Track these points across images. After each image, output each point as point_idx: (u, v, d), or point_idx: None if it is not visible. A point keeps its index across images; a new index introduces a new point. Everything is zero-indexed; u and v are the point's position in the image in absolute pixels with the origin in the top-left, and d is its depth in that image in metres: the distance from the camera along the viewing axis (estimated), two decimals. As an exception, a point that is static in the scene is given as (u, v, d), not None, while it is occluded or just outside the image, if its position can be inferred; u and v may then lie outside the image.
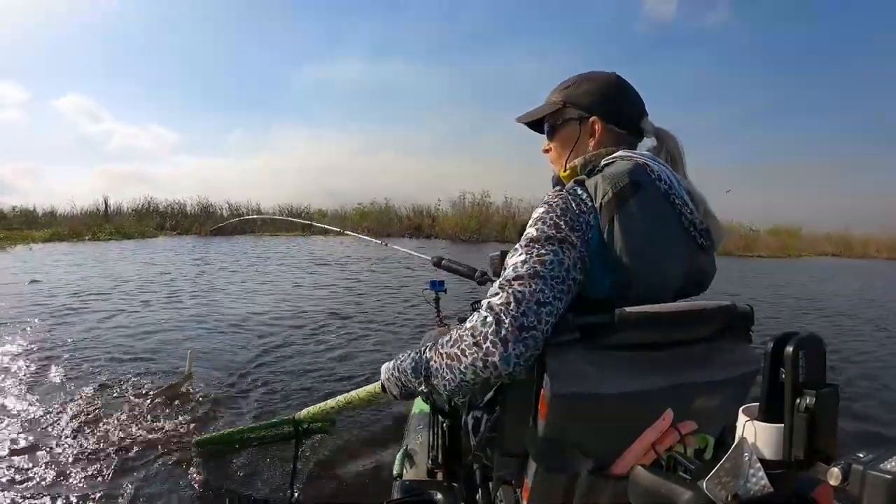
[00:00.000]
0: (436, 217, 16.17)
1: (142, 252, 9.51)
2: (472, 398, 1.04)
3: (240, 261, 8.45)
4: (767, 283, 8.38)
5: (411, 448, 1.53)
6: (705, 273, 0.86)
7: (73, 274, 6.65)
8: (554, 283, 0.70)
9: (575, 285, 0.73)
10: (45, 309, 4.48)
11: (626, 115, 0.92)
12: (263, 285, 6.11)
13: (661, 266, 0.78)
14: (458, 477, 1.22)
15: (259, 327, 4.09)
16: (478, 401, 1.03)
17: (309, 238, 14.00)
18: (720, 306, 0.75)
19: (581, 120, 0.93)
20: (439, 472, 1.40)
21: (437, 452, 1.45)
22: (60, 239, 11.59)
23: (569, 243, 0.73)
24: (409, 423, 1.75)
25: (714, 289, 0.91)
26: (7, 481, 1.84)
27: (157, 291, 5.51)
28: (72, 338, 3.65)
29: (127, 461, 2.00)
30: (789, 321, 5.25)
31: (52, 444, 2.12)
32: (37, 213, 15.15)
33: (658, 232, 0.78)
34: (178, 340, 3.69)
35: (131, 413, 2.42)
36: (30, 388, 2.72)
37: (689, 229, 0.82)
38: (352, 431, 2.31)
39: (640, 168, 0.80)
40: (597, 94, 0.93)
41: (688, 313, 0.73)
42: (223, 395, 2.71)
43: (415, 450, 1.52)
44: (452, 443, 1.41)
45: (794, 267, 12.01)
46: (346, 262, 8.68)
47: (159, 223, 15.07)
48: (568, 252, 0.73)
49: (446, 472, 1.39)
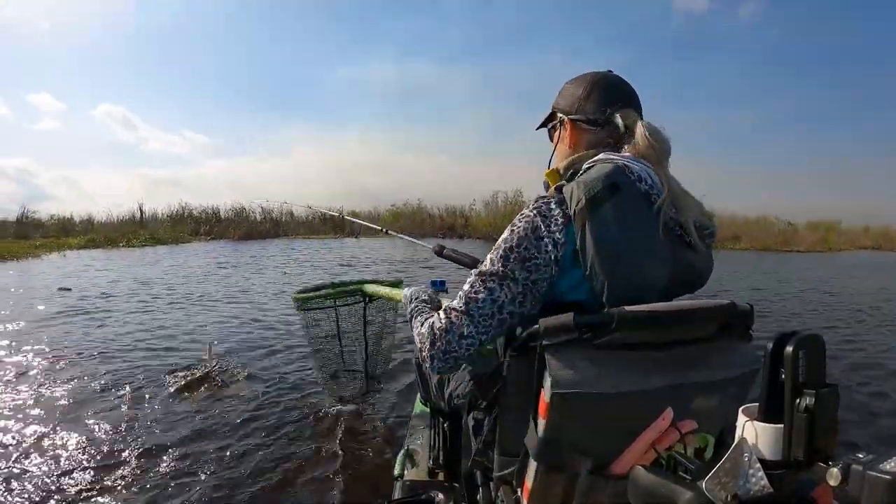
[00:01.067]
0: (469, 217, 16.24)
1: (174, 256, 9.69)
2: (473, 398, 1.04)
3: (272, 263, 8.59)
4: (781, 279, 8.34)
5: (412, 448, 1.53)
6: (696, 271, 0.84)
7: (102, 278, 6.81)
8: (480, 321, 0.82)
9: (511, 317, 0.82)
10: (72, 315, 4.58)
11: (591, 112, 0.92)
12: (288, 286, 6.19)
13: (639, 268, 0.77)
14: (459, 477, 1.22)
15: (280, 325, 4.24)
16: (478, 401, 1.03)
17: (342, 240, 14.32)
18: (719, 305, 0.75)
19: (561, 123, 0.98)
20: (440, 472, 1.40)
21: (437, 453, 1.45)
22: (95, 246, 11.83)
23: (510, 279, 0.81)
24: (410, 424, 1.75)
25: (726, 285, 0.91)
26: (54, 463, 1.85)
27: (188, 292, 5.63)
28: (99, 338, 3.80)
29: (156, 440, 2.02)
30: (792, 315, 5.23)
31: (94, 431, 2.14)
32: (74, 221, 15.48)
33: (636, 234, 0.77)
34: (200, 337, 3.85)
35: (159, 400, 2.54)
36: (64, 382, 2.82)
37: (674, 228, 0.81)
38: (352, 431, 2.31)
39: (618, 170, 0.80)
40: (569, 97, 0.97)
41: (687, 312, 0.73)
42: (242, 378, 2.92)
43: (416, 450, 1.52)
44: (453, 443, 1.42)
45: (830, 262, 11.84)
46: (370, 262, 8.84)
47: (193, 228, 15.40)
48: (507, 289, 0.81)
49: (447, 472, 1.39)
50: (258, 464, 2.03)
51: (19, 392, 2.74)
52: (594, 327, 0.69)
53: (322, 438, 2.24)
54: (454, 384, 1.15)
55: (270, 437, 2.26)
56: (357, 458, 2.09)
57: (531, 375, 0.72)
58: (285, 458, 2.07)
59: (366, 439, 2.24)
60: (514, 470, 0.81)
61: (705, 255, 0.86)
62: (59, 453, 2.09)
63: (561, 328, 0.70)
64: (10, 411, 2.49)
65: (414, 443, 1.56)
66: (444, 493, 1.20)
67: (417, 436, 1.60)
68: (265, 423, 2.40)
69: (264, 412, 2.52)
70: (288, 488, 1.88)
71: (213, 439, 2.23)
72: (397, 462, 1.50)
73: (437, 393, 1.25)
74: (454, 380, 1.16)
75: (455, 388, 1.14)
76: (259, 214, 16.75)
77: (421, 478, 1.40)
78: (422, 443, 1.54)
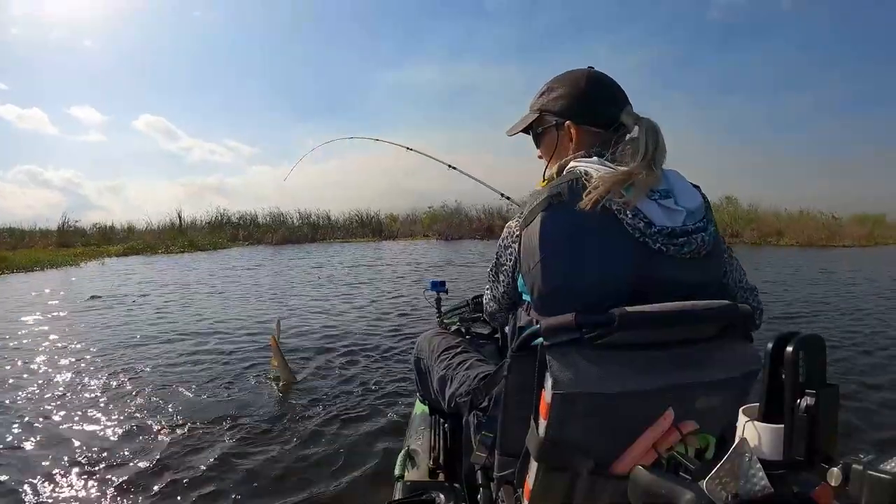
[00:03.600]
0: (507, 217, 16.25)
1: (210, 262, 9.88)
2: (474, 398, 1.04)
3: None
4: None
5: (413, 449, 1.53)
6: (676, 282, 0.78)
7: (138, 285, 6.92)
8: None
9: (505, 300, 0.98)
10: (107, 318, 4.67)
11: (600, 114, 0.90)
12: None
13: (578, 278, 0.76)
14: (460, 477, 1.22)
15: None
16: (479, 401, 1.03)
17: (380, 243, 14.37)
18: (720, 306, 0.75)
19: (558, 126, 0.94)
20: (441, 472, 1.40)
21: (438, 453, 1.45)
22: (135, 253, 12.04)
23: (495, 281, 0.98)
24: (410, 424, 1.75)
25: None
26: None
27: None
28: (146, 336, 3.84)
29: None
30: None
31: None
32: (115, 229, 15.67)
33: (570, 243, 0.77)
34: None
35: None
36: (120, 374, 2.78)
37: (634, 234, 0.76)
38: (353, 431, 2.31)
39: (568, 184, 0.79)
40: (568, 98, 0.92)
41: (688, 313, 0.73)
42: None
43: (416, 450, 1.52)
44: (454, 443, 1.42)
45: (872, 256, 11.47)
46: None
47: (232, 234, 15.49)
48: (495, 289, 0.99)
49: (448, 472, 1.39)
50: (258, 463, 2.03)
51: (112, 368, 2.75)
52: (596, 327, 0.69)
53: (322, 439, 2.24)
54: (456, 384, 1.15)
55: (270, 436, 2.27)
56: (357, 458, 2.09)
57: (532, 375, 0.72)
58: (285, 459, 2.07)
59: (366, 440, 2.24)
60: (514, 470, 0.81)
61: (700, 263, 0.80)
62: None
63: (562, 328, 0.70)
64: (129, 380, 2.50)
65: (414, 443, 1.56)
66: (444, 493, 1.20)
67: (418, 436, 1.60)
68: (264, 422, 2.41)
69: (263, 411, 2.52)
70: (288, 489, 1.88)
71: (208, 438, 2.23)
72: (398, 462, 1.50)
73: (437, 392, 1.25)
74: (456, 380, 1.16)
75: (457, 389, 1.14)
76: (296, 220, 16.89)
77: (421, 478, 1.39)
78: (422, 443, 1.54)
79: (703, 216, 0.81)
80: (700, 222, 0.80)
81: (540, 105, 0.97)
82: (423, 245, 13.15)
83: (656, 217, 0.77)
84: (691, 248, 0.77)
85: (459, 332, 1.57)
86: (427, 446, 1.51)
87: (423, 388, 1.37)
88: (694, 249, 0.78)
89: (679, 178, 0.85)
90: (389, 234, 16.56)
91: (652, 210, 0.78)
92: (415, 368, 1.40)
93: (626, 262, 0.76)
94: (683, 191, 0.83)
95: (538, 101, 0.97)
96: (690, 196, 0.83)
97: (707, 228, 0.80)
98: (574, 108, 0.92)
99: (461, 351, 1.25)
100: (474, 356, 1.22)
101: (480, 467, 1.01)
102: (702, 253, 0.79)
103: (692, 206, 0.81)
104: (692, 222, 0.79)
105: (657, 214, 0.78)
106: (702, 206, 0.82)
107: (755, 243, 13.56)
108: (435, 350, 1.29)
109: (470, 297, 1.82)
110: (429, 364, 1.31)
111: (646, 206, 0.77)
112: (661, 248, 0.76)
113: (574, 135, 0.92)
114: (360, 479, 1.94)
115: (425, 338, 1.38)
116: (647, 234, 0.76)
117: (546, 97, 0.96)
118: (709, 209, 0.84)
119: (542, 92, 0.97)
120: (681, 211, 0.79)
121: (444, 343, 1.30)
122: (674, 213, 0.79)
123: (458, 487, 1.22)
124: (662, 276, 0.77)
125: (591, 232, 0.77)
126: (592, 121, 0.90)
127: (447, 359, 1.24)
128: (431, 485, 1.32)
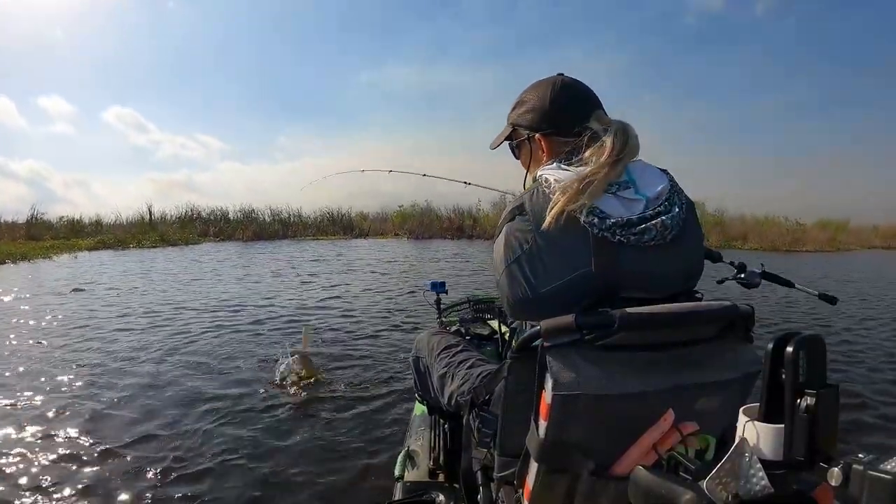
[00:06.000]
0: (477, 218, 16.32)
1: (182, 259, 9.82)
2: (474, 398, 1.04)
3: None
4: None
5: (412, 449, 1.53)
6: (643, 272, 0.78)
7: (116, 279, 6.94)
8: None
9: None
10: (100, 314, 4.67)
11: (567, 124, 0.91)
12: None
13: (543, 285, 0.78)
14: (460, 478, 1.22)
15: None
16: (480, 400, 1.03)
17: (350, 241, 14.45)
18: (721, 306, 0.75)
19: (529, 138, 0.96)
20: (441, 473, 1.40)
21: (438, 453, 1.45)
22: (106, 247, 11.97)
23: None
24: (410, 425, 1.75)
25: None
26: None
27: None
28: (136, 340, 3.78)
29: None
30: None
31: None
32: (83, 223, 15.50)
33: (536, 251, 0.78)
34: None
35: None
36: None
37: (591, 231, 0.76)
38: (353, 432, 2.31)
39: (529, 194, 0.83)
40: (534, 112, 0.94)
41: (689, 314, 0.73)
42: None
43: (416, 451, 1.52)
44: (453, 444, 1.42)
45: (834, 262, 11.71)
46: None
47: (202, 230, 15.41)
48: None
49: (447, 472, 1.39)
50: (256, 464, 2.03)
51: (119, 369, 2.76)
52: (596, 328, 0.69)
53: (322, 439, 2.24)
54: (458, 381, 1.15)
55: (269, 436, 2.27)
56: (357, 458, 2.09)
57: (532, 377, 0.72)
58: (285, 459, 2.07)
59: (366, 440, 2.24)
60: (514, 470, 0.81)
61: (663, 250, 0.78)
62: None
63: (562, 329, 0.70)
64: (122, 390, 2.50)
65: (414, 444, 1.56)
66: (444, 493, 1.20)
67: (418, 437, 1.60)
68: (261, 421, 2.41)
69: (263, 411, 2.52)
70: (288, 489, 1.88)
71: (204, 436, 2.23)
72: (398, 463, 1.50)
73: (437, 391, 1.25)
74: (457, 377, 1.16)
75: (459, 386, 1.13)
76: (268, 216, 16.87)
77: (421, 478, 1.40)
78: (422, 444, 1.54)
79: (665, 199, 0.80)
80: (661, 206, 0.79)
81: (512, 119, 1.00)
82: (394, 243, 13.16)
83: (613, 210, 0.77)
84: (652, 234, 0.76)
85: (459, 333, 1.57)
86: (427, 446, 1.51)
87: (422, 388, 1.37)
88: (655, 236, 0.77)
89: (643, 167, 0.84)
90: (360, 232, 16.66)
91: (608, 204, 0.78)
92: (413, 368, 1.40)
93: (586, 261, 0.76)
94: (645, 178, 0.82)
95: (511, 114, 1.00)
96: (652, 182, 0.82)
97: (670, 211, 0.79)
98: (541, 122, 0.94)
99: (462, 350, 1.25)
100: (475, 355, 1.22)
101: (480, 467, 1.01)
102: (667, 237, 0.77)
103: (652, 193, 0.80)
104: (652, 208, 0.78)
105: (614, 207, 0.78)
106: (665, 190, 0.81)
107: (719, 246, 13.64)
108: (435, 349, 1.29)
109: (470, 296, 1.82)
110: (428, 363, 1.30)
111: (602, 201, 0.78)
112: (620, 239, 0.76)
113: (545, 147, 0.94)
114: (360, 480, 1.94)
115: (424, 337, 1.38)
116: (604, 227, 0.76)
117: (517, 111, 0.98)
118: (675, 192, 0.83)
119: (514, 105, 1.00)
120: (639, 200, 0.79)
121: (443, 342, 1.30)
122: (632, 203, 0.79)
123: (457, 487, 1.23)
124: (628, 269, 0.77)
125: (551, 238, 0.78)
126: (559, 132, 0.92)
127: (447, 357, 1.23)
128: (431, 485, 1.32)
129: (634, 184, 0.81)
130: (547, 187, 0.80)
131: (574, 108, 0.92)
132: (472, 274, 7.62)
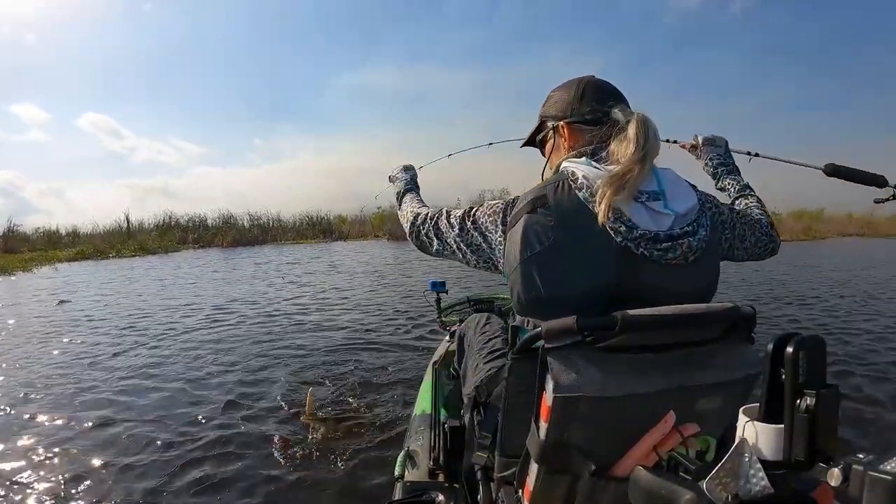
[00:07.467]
0: None
1: (164, 267, 9.77)
2: (475, 398, 1.04)
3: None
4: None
5: (413, 449, 1.53)
6: (659, 289, 0.76)
7: (100, 290, 6.88)
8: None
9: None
10: (84, 329, 4.56)
11: (590, 111, 0.91)
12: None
13: (559, 287, 0.77)
14: (460, 478, 1.22)
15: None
16: (480, 402, 1.03)
17: (331, 244, 14.47)
18: (723, 308, 0.75)
19: (555, 129, 0.96)
20: (441, 472, 1.40)
21: (438, 453, 1.45)
22: (85, 257, 11.87)
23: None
24: (410, 425, 1.75)
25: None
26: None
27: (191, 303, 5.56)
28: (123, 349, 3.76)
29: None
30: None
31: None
32: (60, 234, 15.36)
33: (556, 251, 0.77)
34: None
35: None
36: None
37: (616, 238, 0.75)
38: (353, 432, 2.31)
39: (553, 186, 0.80)
40: (561, 102, 0.95)
41: (690, 316, 0.73)
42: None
43: (416, 451, 1.52)
44: (454, 444, 1.42)
45: (809, 251, 11.73)
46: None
47: (181, 237, 15.31)
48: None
49: (447, 472, 1.39)
50: (255, 464, 2.03)
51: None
52: (597, 330, 0.69)
53: (321, 440, 2.24)
54: (482, 374, 1.15)
55: (268, 436, 2.27)
56: (357, 459, 2.09)
57: (533, 378, 0.72)
58: (285, 459, 2.07)
59: (366, 440, 2.24)
60: (515, 471, 0.81)
61: (682, 270, 0.77)
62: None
63: (563, 331, 0.70)
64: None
65: (414, 443, 1.56)
66: (444, 493, 1.20)
67: (418, 436, 1.60)
68: (262, 422, 2.40)
69: (257, 410, 2.52)
70: (288, 489, 1.88)
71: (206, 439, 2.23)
72: (397, 463, 1.49)
73: (463, 374, 1.29)
74: (479, 372, 1.16)
75: (481, 379, 1.14)
76: (247, 221, 16.85)
77: (421, 478, 1.39)
78: (422, 443, 1.54)
79: (693, 219, 0.79)
80: (689, 226, 0.78)
81: (541, 113, 1.00)
82: (374, 244, 13.16)
83: (641, 220, 0.76)
84: (676, 253, 0.76)
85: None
86: (427, 446, 1.51)
87: (459, 363, 1.41)
88: (679, 255, 0.76)
89: (675, 180, 0.83)
90: (340, 235, 16.64)
91: (637, 213, 0.77)
92: (457, 342, 1.45)
93: (607, 269, 0.76)
94: (676, 192, 0.81)
95: (541, 110, 1.00)
96: (683, 198, 0.81)
97: (697, 233, 0.78)
98: (566, 109, 0.94)
99: (499, 342, 1.27)
100: (502, 350, 1.22)
101: (480, 468, 1.01)
102: (689, 259, 0.77)
103: (682, 210, 0.79)
104: (680, 226, 0.77)
105: (642, 217, 0.76)
106: (694, 209, 0.80)
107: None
108: (476, 332, 1.32)
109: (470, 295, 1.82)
110: (470, 341, 1.34)
111: (631, 208, 0.76)
112: (643, 252, 0.75)
113: (567, 134, 0.93)
114: (359, 480, 1.94)
115: (474, 318, 1.42)
116: (630, 238, 0.75)
117: (546, 105, 0.99)
118: (703, 212, 0.82)
119: (544, 102, 1.00)
120: (669, 214, 0.78)
121: (489, 329, 1.32)
122: (661, 217, 0.78)
123: (458, 487, 1.22)
124: (646, 282, 0.76)
125: (573, 238, 0.77)
126: (583, 118, 0.91)
127: (483, 343, 1.26)
128: (431, 485, 1.32)
129: (664, 195, 0.79)
130: (573, 181, 0.79)
131: (599, 99, 0.92)
132: (449, 269, 7.58)
